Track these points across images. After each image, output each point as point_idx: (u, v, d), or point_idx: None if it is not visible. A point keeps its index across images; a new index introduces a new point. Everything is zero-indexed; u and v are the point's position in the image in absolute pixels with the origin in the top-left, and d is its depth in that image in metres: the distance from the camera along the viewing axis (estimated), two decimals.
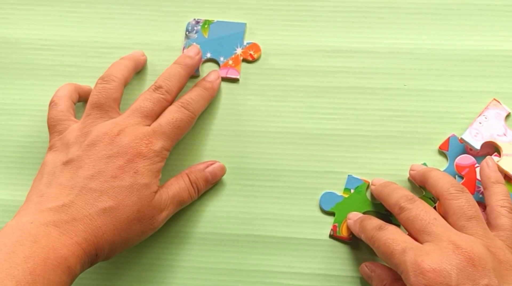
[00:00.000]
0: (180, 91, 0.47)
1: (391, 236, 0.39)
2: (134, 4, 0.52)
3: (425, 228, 0.38)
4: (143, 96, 0.44)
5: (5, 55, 0.52)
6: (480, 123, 0.46)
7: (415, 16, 0.50)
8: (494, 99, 0.47)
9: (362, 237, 0.43)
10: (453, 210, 0.39)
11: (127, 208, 0.41)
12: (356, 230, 0.44)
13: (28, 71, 0.51)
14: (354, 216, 0.46)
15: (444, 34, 0.49)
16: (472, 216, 0.39)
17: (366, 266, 0.44)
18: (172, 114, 0.44)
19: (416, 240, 0.39)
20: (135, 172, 0.41)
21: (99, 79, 0.45)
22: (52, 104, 0.46)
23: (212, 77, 0.48)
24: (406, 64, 0.49)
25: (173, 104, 0.45)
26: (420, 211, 0.39)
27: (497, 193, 0.41)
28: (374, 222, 0.42)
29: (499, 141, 0.46)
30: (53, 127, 0.45)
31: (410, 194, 0.42)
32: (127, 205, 0.41)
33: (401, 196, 0.41)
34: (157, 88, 0.45)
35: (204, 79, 0.48)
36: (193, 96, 0.46)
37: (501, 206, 0.40)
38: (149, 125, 0.44)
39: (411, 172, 0.46)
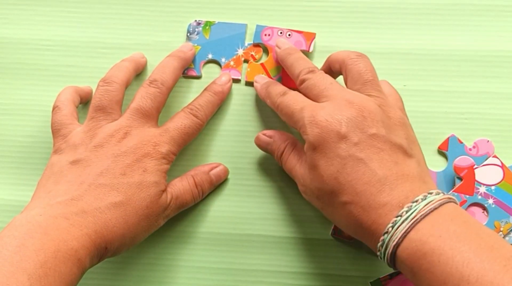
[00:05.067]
0: (175, 82, 0.47)
1: (292, 99, 0.42)
2: (134, 4, 0.52)
3: (322, 92, 0.41)
4: (140, 94, 0.45)
5: (5, 55, 0.52)
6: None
7: (415, 16, 0.50)
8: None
9: (268, 102, 0.45)
10: (352, 75, 0.42)
11: (136, 203, 0.41)
12: (262, 95, 0.47)
13: (29, 71, 0.51)
14: (261, 79, 0.48)
15: (444, 34, 0.49)
16: (368, 80, 0.41)
17: (264, 134, 0.46)
18: (181, 120, 0.45)
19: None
20: (144, 171, 0.42)
21: (100, 81, 0.45)
22: (55, 109, 0.46)
23: (223, 80, 0.48)
24: (406, 64, 0.49)
25: (183, 110, 0.46)
26: (318, 79, 0.42)
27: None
28: (279, 88, 0.45)
29: None
30: (58, 131, 0.45)
31: (312, 65, 0.44)
32: (136, 200, 0.41)
33: (303, 68, 0.44)
34: (152, 81, 0.45)
35: (214, 82, 0.48)
36: (202, 102, 0.46)
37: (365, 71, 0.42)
38: (153, 126, 0.44)
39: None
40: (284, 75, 0.47)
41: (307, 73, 0.43)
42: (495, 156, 0.46)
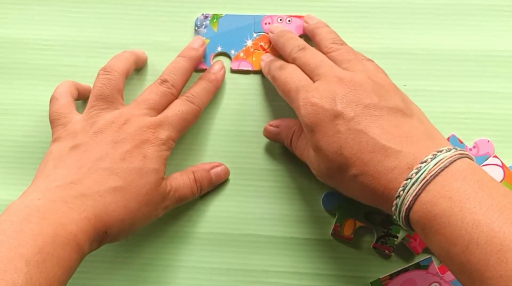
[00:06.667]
0: (185, 84, 0.47)
1: (289, 75, 0.43)
2: (134, 4, 0.52)
3: (313, 71, 0.42)
4: (149, 89, 0.45)
5: (5, 55, 0.52)
6: None
7: (415, 16, 0.50)
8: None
9: (269, 77, 0.47)
10: (334, 59, 0.43)
11: (136, 189, 0.41)
12: (265, 72, 0.48)
13: (28, 71, 0.51)
14: (267, 57, 0.49)
15: (444, 34, 0.49)
16: (351, 59, 0.43)
17: (271, 125, 0.47)
18: (178, 107, 0.45)
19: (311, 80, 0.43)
20: (144, 157, 0.42)
21: (100, 70, 0.45)
22: (53, 99, 0.46)
23: (216, 68, 0.49)
24: (406, 64, 0.49)
25: (179, 98, 0.46)
26: (308, 57, 0.43)
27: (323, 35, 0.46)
28: (278, 62, 0.46)
29: None
30: (56, 120, 0.45)
31: (302, 43, 0.45)
32: (136, 186, 0.41)
33: (293, 47, 0.45)
34: (163, 82, 0.45)
35: (208, 71, 0.49)
36: (198, 89, 0.47)
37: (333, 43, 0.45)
38: (154, 116, 0.44)
39: (304, 24, 0.49)
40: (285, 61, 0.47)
41: (298, 51, 0.44)
42: (495, 156, 0.46)
